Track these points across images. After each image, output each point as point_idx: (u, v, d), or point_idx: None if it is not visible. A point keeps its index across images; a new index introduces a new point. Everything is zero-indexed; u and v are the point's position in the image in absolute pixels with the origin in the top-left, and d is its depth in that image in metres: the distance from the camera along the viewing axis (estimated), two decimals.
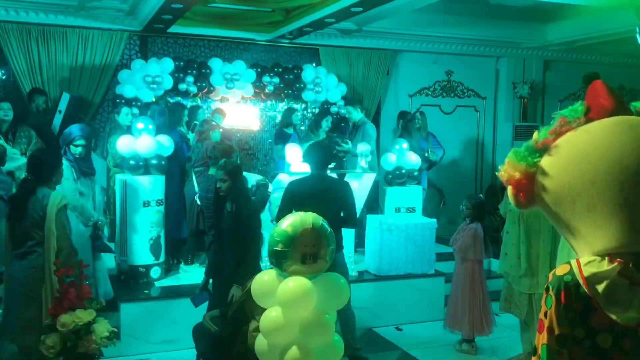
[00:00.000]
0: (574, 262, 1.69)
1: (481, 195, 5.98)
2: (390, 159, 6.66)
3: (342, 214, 4.54)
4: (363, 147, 6.63)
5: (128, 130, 6.17)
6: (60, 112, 7.02)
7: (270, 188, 5.57)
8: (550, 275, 1.73)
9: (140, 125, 5.68)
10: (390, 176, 6.65)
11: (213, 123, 6.63)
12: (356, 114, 7.66)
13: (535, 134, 1.78)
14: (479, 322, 5.23)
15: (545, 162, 1.73)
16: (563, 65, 10.33)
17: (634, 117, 1.72)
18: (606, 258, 1.63)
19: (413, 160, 6.70)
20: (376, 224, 6.27)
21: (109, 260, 5.56)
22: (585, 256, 1.69)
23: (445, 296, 5.84)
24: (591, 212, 1.65)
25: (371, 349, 5.23)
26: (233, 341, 3.41)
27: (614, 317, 1.59)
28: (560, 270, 1.71)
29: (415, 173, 6.72)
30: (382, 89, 9.09)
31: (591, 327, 1.63)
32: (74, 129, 5.06)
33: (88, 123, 6.00)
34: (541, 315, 1.73)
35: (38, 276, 3.65)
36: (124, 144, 5.58)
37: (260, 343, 2.85)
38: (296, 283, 2.70)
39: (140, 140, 5.57)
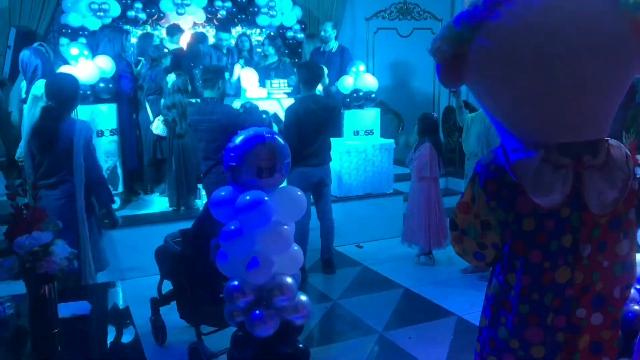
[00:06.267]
0: (499, 150, 1.72)
1: (435, 114, 6.05)
2: (348, 82, 6.64)
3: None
4: None
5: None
6: (9, 47, 6.79)
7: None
8: (476, 165, 1.78)
9: (74, 50, 5.44)
10: (348, 99, 6.66)
11: (165, 50, 6.45)
12: (333, 38, 7.52)
13: (467, 2, 1.67)
14: (435, 236, 5.43)
15: (480, 41, 1.62)
16: None
17: None
18: (531, 146, 1.65)
19: (370, 82, 6.71)
20: (335, 146, 6.33)
21: None
22: (511, 144, 1.71)
23: (403, 214, 6.00)
24: (523, 101, 1.64)
25: None
26: (195, 259, 3.47)
27: (538, 201, 1.64)
28: (486, 159, 1.75)
29: (373, 95, 6.74)
30: (338, 12, 8.92)
31: (516, 211, 1.70)
32: None
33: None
34: (467, 199, 1.79)
35: (72, 205, 3.68)
36: None
37: (222, 257, 2.90)
38: (253, 196, 2.73)
39: (79, 68, 5.34)
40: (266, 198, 2.74)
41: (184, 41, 7.12)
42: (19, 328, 2.93)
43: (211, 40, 7.53)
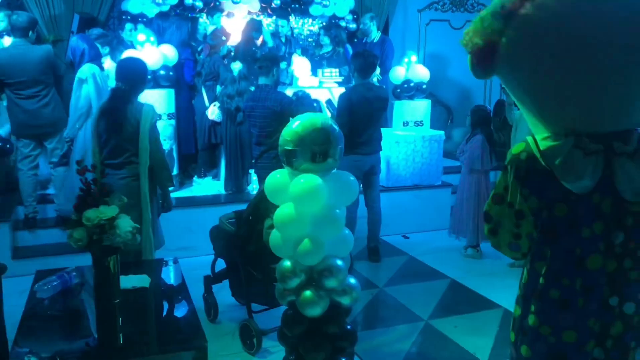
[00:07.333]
0: (529, 139, 1.74)
1: (488, 107, 6.02)
2: (399, 73, 6.65)
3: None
4: None
5: (132, 45, 6.17)
6: (72, 32, 7.07)
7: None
8: (508, 155, 1.80)
9: (141, 37, 5.65)
10: (399, 90, 6.67)
11: (223, 38, 6.60)
12: (374, 29, 7.55)
13: None
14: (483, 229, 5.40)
15: (510, 32, 1.62)
16: None
17: None
18: (562, 135, 1.68)
19: (422, 73, 6.69)
20: (384, 137, 6.36)
21: None
22: (542, 134, 1.73)
23: (451, 206, 6.00)
24: (553, 92, 1.65)
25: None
26: (249, 239, 3.59)
27: (569, 186, 1.66)
28: (516, 148, 1.77)
29: (424, 86, 6.73)
30: (390, 3, 8.90)
31: (548, 197, 1.72)
32: None
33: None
34: (500, 190, 1.82)
35: (136, 184, 3.84)
36: None
37: (275, 238, 2.99)
38: (307, 179, 2.81)
39: (144, 53, 5.54)
40: (320, 182, 2.81)
41: (234, 26, 7.24)
42: (82, 297, 3.12)
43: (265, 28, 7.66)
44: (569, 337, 1.75)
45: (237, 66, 5.74)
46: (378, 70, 6.54)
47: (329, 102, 5.68)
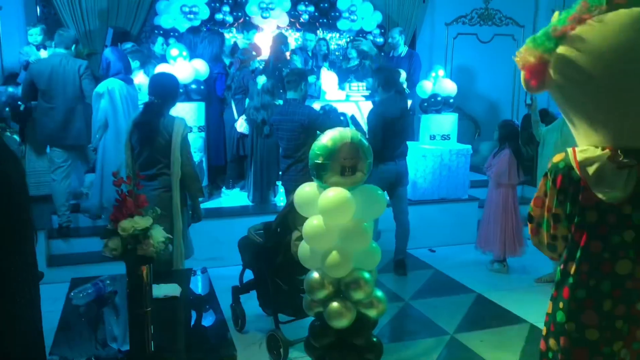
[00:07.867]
0: (569, 150, 1.88)
1: (515, 121, 6.01)
2: (426, 87, 6.69)
3: None
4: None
5: (163, 59, 6.32)
6: (106, 46, 7.27)
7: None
8: (549, 164, 1.95)
9: (174, 51, 5.80)
10: (426, 104, 6.70)
11: (253, 53, 6.72)
12: (402, 43, 7.64)
13: (555, 18, 1.83)
14: (511, 244, 5.39)
15: (560, 51, 1.80)
16: None
17: None
18: (599, 147, 1.81)
19: (449, 87, 6.72)
20: (411, 150, 6.38)
21: None
22: (583, 146, 1.87)
23: (478, 220, 5.98)
24: (595, 108, 1.79)
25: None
26: (277, 251, 3.64)
27: (600, 195, 1.79)
28: (557, 158, 1.93)
29: (451, 100, 6.75)
30: (418, 17, 8.95)
31: (581, 204, 1.85)
32: None
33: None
34: (540, 194, 1.98)
35: (168, 195, 3.95)
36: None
37: (303, 249, 3.05)
38: (336, 193, 2.86)
39: (176, 67, 5.68)
40: (348, 195, 2.86)
41: (263, 41, 7.36)
42: (115, 305, 3.20)
43: (293, 43, 7.79)
44: (592, 335, 1.87)
45: (261, 80, 5.85)
46: (405, 84, 6.57)
47: (352, 117, 5.72)
